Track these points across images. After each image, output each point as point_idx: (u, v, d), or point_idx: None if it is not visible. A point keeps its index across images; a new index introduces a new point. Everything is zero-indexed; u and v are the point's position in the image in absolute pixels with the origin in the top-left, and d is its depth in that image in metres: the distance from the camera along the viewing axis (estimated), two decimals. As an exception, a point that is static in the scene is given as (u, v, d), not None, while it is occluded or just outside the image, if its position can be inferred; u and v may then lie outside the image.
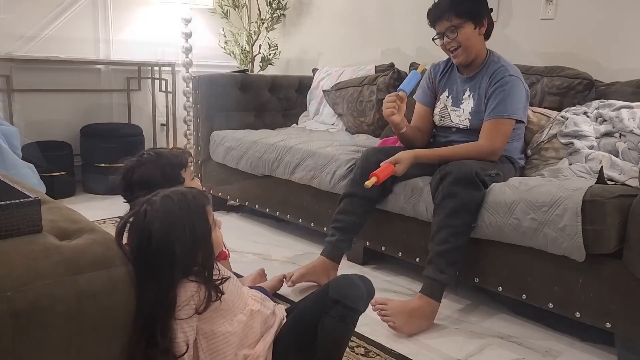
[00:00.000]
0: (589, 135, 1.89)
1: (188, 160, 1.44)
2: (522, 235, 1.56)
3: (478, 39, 1.87)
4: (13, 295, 0.83)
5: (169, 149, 1.44)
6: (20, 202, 0.95)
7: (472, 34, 1.84)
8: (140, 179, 1.32)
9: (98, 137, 3.18)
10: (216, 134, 2.81)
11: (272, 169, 2.43)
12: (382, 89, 2.70)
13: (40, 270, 0.88)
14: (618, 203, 1.43)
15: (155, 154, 1.39)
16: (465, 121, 1.94)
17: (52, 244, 0.94)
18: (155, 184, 1.31)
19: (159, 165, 1.35)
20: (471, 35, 1.84)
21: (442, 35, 1.86)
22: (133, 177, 1.33)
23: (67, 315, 0.88)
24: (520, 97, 1.84)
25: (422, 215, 1.83)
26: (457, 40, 1.83)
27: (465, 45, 1.84)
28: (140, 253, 0.97)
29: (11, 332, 0.83)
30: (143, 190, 1.30)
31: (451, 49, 1.86)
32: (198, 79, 2.86)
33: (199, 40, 3.75)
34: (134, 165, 1.36)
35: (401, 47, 3.05)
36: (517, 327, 1.68)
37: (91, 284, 0.91)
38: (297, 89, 3.25)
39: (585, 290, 1.49)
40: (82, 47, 3.32)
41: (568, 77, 2.11)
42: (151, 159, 1.37)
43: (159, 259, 0.97)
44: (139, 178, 1.33)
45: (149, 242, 0.97)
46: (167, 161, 1.38)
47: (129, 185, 1.34)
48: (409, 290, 1.90)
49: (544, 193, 1.53)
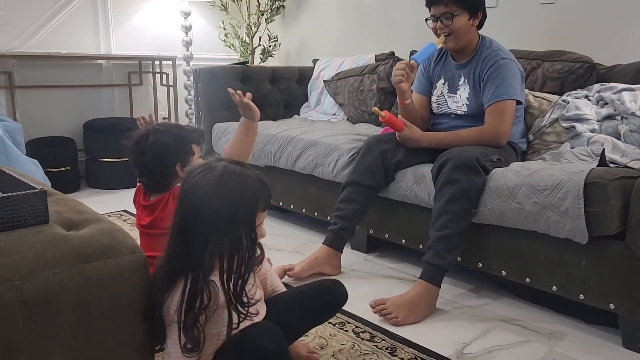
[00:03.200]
0: (591, 118, 1.89)
1: (201, 138, 1.46)
2: (525, 219, 1.57)
3: (470, 29, 1.88)
4: (22, 284, 0.85)
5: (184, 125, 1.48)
6: (27, 194, 0.96)
7: (465, 24, 1.85)
8: (153, 144, 1.34)
9: (101, 132, 3.19)
10: (218, 126, 2.82)
11: (275, 160, 2.44)
12: (383, 77, 2.70)
13: (48, 260, 0.89)
14: (620, 185, 1.43)
15: (172, 125, 1.41)
16: (463, 107, 1.95)
17: (59, 234, 0.95)
18: (168, 151, 1.35)
19: (174, 134, 1.37)
20: (464, 25, 1.85)
21: (437, 19, 1.86)
22: (147, 142, 1.35)
23: (75, 303, 0.90)
24: (516, 78, 1.85)
25: (425, 202, 1.84)
26: (449, 28, 1.84)
27: (457, 34, 1.85)
28: (185, 213, 0.98)
29: (21, 320, 0.85)
30: (155, 156, 1.34)
31: (442, 34, 1.86)
32: (199, 71, 2.87)
33: (198, 34, 3.76)
34: (149, 131, 1.37)
35: (401, 35, 3.05)
36: (521, 310, 1.69)
37: (98, 273, 0.92)
38: (298, 79, 3.25)
39: (588, 272, 1.50)
40: (83, 43, 3.32)
41: (569, 61, 2.11)
42: (167, 127, 1.39)
43: (200, 224, 0.96)
44: (152, 143, 1.35)
45: (194, 206, 0.97)
46: (182, 131, 1.40)
47: (142, 150, 1.36)
48: (413, 277, 1.92)
49: (546, 176, 1.53)
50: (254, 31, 3.69)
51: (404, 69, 1.87)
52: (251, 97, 1.49)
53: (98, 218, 1.08)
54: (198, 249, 0.96)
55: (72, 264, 0.90)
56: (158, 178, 1.38)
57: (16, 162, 2.39)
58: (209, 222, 0.96)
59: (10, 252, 0.88)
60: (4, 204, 0.93)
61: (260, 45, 3.72)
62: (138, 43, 3.54)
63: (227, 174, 1.00)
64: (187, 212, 0.98)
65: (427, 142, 1.89)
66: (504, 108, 1.82)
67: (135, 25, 3.53)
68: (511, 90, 1.82)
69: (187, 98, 3.75)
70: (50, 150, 3.02)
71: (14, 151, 2.43)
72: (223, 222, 0.96)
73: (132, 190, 1.47)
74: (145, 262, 1.00)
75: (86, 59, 3.32)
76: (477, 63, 1.89)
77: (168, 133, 1.37)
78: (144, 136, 1.38)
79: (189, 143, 1.41)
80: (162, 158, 1.35)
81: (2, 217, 0.93)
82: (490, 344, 1.47)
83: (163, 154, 1.35)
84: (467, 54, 1.93)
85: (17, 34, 3.07)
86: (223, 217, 0.96)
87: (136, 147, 1.38)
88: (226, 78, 2.89)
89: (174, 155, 1.37)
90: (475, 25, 1.89)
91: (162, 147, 1.35)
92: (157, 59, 3.54)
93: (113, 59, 3.41)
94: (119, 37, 3.46)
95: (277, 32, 3.76)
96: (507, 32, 2.48)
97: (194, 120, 3.57)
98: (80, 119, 3.31)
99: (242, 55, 3.73)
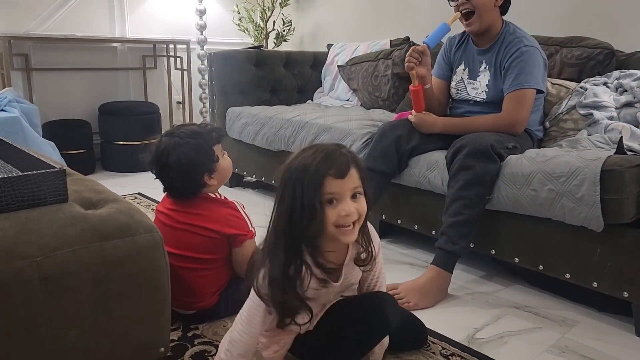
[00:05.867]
0: (609, 105, 1.87)
1: (221, 136, 1.42)
2: (540, 206, 1.56)
3: (494, 10, 1.84)
4: (42, 260, 0.87)
5: (199, 124, 1.42)
6: (47, 173, 0.98)
7: (488, 2, 1.82)
8: (177, 162, 1.32)
9: (116, 115, 3.22)
10: (232, 111, 2.83)
11: (288, 145, 2.44)
12: (398, 63, 2.67)
13: (67, 237, 0.91)
14: (637, 172, 1.41)
15: (190, 132, 1.36)
16: (482, 94, 1.93)
17: (78, 212, 0.97)
18: (193, 165, 1.33)
19: (194, 145, 1.33)
20: (487, 2, 1.81)
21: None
22: (170, 160, 1.32)
23: (94, 280, 0.92)
24: (538, 66, 1.82)
25: (438, 188, 1.84)
26: (472, 4, 1.81)
27: (480, 12, 1.81)
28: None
29: (41, 295, 0.87)
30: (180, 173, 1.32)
31: (464, 11, 1.83)
32: (213, 55, 2.87)
33: (213, 18, 3.75)
34: (168, 145, 1.33)
35: (416, 20, 3.02)
36: (533, 297, 1.69)
37: (117, 251, 0.94)
38: (312, 64, 3.24)
39: (603, 260, 1.49)
40: (98, 26, 3.34)
41: (588, 47, 2.07)
42: (185, 137, 1.34)
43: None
44: (176, 162, 1.32)
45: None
46: (202, 140, 1.36)
47: (164, 167, 1.34)
48: (425, 263, 1.92)
49: (562, 163, 1.52)
50: (268, 15, 3.67)
51: (412, 54, 1.85)
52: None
53: (115, 198, 1.09)
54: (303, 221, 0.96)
55: (90, 242, 0.92)
56: (186, 192, 1.38)
57: (33, 143, 2.42)
58: (281, 191, 0.97)
59: (31, 229, 0.90)
60: (25, 182, 0.95)
61: (275, 30, 3.71)
62: (153, 26, 3.55)
63: (314, 148, 0.99)
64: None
65: (441, 127, 1.88)
66: (523, 96, 1.80)
67: (150, 9, 3.53)
68: (532, 79, 1.79)
69: (200, 82, 3.76)
70: (66, 132, 3.05)
71: (31, 133, 2.46)
72: (290, 188, 0.97)
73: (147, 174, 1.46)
74: (162, 241, 1.01)
75: (101, 42, 3.34)
76: (500, 49, 1.86)
77: (188, 146, 1.33)
78: (164, 152, 1.33)
79: (211, 148, 1.37)
80: (187, 173, 1.34)
81: (23, 195, 0.95)
82: (502, 330, 1.48)
83: (187, 169, 1.33)
84: (489, 39, 1.90)
85: (34, 17, 3.09)
86: (290, 183, 0.96)
87: (157, 163, 1.35)
88: (240, 62, 2.88)
89: (200, 167, 1.35)
90: (499, 6, 1.85)
91: (185, 162, 1.32)
92: (171, 42, 3.54)
93: (128, 42, 3.42)
94: (133, 20, 3.47)
95: (292, 17, 3.74)
96: (525, 16, 2.43)
97: (207, 105, 3.58)
98: (95, 101, 3.34)
99: (256, 39, 3.72)
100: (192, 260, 1.37)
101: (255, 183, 2.96)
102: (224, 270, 1.43)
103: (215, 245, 1.38)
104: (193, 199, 1.39)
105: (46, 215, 0.95)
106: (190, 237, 1.37)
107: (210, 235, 1.36)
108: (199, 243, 1.37)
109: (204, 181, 1.37)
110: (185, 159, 1.32)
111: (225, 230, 1.36)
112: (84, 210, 1.00)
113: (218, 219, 1.37)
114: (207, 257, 1.38)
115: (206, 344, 1.33)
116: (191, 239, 1.37)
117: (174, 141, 1.33)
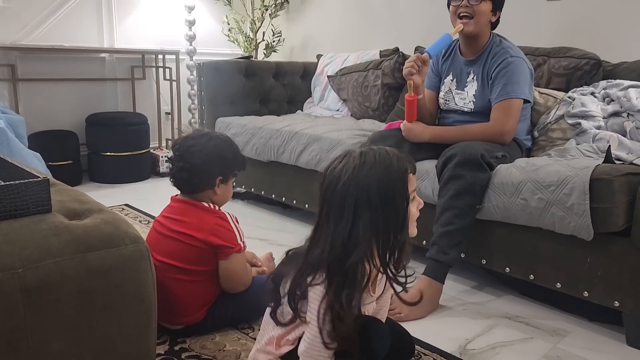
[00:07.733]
0: (596, 115, 1.88)
1: (243, 169, 1.49)
2: (530, 215, 1.56)
3: (487, 23, 1.88)
4: (24, 272, 0.84)
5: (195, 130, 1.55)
6: (29, 182, 0.95)
7: (487, 13, 1.85)
8: (214, 146, 1.39)
9: (104, 126, 3.19)
10: (221, 121, 2.81)
11: (278, 155, 2.43)
12: (387, 73, 2.68)
13: (50, 249, 0.88)
14: (626, 181, 1.42)
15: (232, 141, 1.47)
16: (470, 104, 1.94)
17: (61, 223, 0.95)
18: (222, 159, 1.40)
19: (234, 150, 1.43)
20: (487, 13, 1.85)
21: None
22: (205, 142, 1.38)
23: (78, 292, 0.89)
24: (525, 77, 1.84)
25: (429, 198, 1.83)
26: (474, 8, 1.83)
27: (479, 18, 1.84)
28: (327, 195, 0.99)
29: (23, 308, 0.84)
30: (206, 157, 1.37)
31: (464, 13, 1.84)
32: (202, 65, 2.86)
33: (202, 28, 3.74)
34: (210, 133, 1.42)
35: (406, 31, 3.03)
36: (525, 307, 1.68)
37: (101, 262, 0.92)
38: (302, 75, 3.24)
39: (593, 269, 1.48)
40: (86, 36, 3.32)
41: (575, 58, 2.09)
42: (230, 140, 1.45)
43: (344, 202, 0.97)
44: (213, 146, 1.39)
45: (335, 186, 0.98)
46: (240, 154, 1.46)
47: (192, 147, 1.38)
48: (417, 273, 1.90)
49: (551, 172, 1.52)
50: (258, 26, 3.68)
51: (415, 61, 1.86)
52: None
53: (101, 208, 1.07)
54: (353, 232, 0.95)
55: (74, 253, 0.90)
56: (195, 179, 1.38)
57: (18, 155, 2.38)
58: (363, 201, 0.96)
59: (13, 240, 0.88)
60: (7, 192, 0.93)
61: (264, 40, 3.71)
62: (141, 37, 3.53)
63: (365, 152, 1.00)
64: (336, 200, 0.97)
65: (429, 136, 1.88)
66: (510, 106, 1.81)
67: (139, 19, 3.52)
68: (519, 89, 1.81)
69: (189, 93, 3.74)
70: (52, 143, 3.01)
71: (16, 144, 2.42)
72: (377, 195, 0.96)
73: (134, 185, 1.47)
74: (148, 252, 0.99)
75: (89, 53, 3.31)
76: (487, 60, 1.89)
77: (229, 147, 1.41)
78: (203, 136, 1.40)
79: (237, 166, 1.44)
80: (212, 162, 1.37)
81: (5, 205, 0.93)
82: (494, 341, 1.47)
83: (216, 159, 1.38)
84: (476, 49, 1.92)
85: (21, 27, 3.07)
86: (375, 191, 0.96)
87: (186, 144, 1.39)
88: (230, 72, 2.88)
89: (223, 167, 1.39)
90: (493, 22, 1.90)
91: (218, 152, 1.38)
92: (160, 53, 3.53)
93: (116, 53, 3.40)
94: (122, 30, 3.45)
95: (281, 27, 3.75)
96: (513, 28, 2.46)
97: (196, 115, 3.56)
98: (82, 112, 3.30)
99: (245, 50, 3.72)
100: (179, 270, 1.34)
101: (245, 194, 2.94)
102: (212, 285, 1.40)
103: (202, 256, 1.35)
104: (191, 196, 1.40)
105: (29, 225, 0.92)
106: (178, 245, 1.35)
107: (196, 245, 1.34)
108: (186, 252, 1.35)
109: (213, 181, 1.38)
110: (220, 149, 1.39)
111: (210, 240, 1.34)
112: (67, 221, 0.97)
113: (203, 228, 1.35)
114: (193, 268, 1.35)
115: (194, 357, 1.30)
116: (178, 247, 1.35)
117: (217, 134, 1.44)
